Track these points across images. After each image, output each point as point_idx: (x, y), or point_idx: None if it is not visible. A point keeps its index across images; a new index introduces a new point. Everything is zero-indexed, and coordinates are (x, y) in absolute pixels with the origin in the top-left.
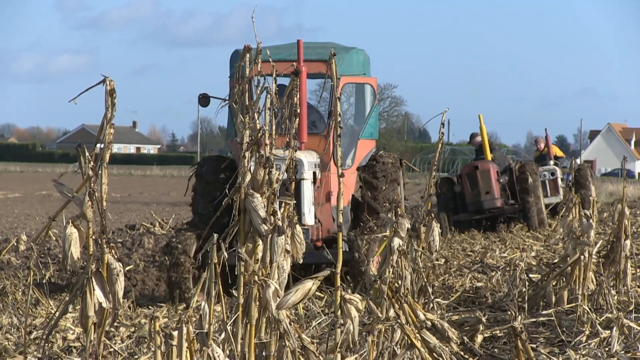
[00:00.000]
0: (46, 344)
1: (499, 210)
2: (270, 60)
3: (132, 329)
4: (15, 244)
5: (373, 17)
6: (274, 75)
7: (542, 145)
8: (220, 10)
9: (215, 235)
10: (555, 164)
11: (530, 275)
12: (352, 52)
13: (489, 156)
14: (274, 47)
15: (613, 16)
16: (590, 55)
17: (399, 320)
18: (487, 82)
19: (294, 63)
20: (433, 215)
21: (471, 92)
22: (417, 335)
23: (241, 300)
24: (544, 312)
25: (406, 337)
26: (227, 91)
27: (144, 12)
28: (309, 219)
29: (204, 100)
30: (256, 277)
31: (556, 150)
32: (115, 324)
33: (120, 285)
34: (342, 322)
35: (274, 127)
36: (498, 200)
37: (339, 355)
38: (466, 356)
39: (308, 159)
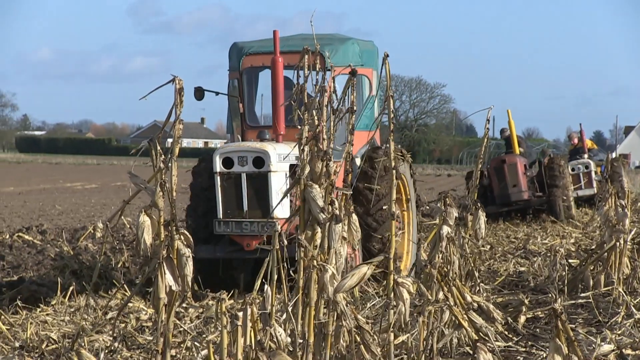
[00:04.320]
0: (120, 324)
1: (526, 202)
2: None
3: (200, 310)
4: (92, 231)
5: (425, 20)
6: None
7: (576, 141)
8: (283, 15)
9: (278, 225)
10: (589, 157)
11: (570, 261)
12: (347, 43)
13: (517, 150)
14: (265, 40)
15: None
16: (623, 57)
17: (448, 302)
18: (529, 81)
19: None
20: (479, 205)
21: (514, 91)
22: (465, 316)
23: (301, 284)
24: (582, 294)
25: (454, 318)
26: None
27: (213, 16)
28: (279, 211)
29: (199, 93)
30: (315, 262)
31: (589, 143)
32: (184, 305)
33: (189, 269)
34: (394, 304)
35: (332, 123)
36: (525, 193)
37: (391, 335)
38: (510, 335)
39: (278, 150)
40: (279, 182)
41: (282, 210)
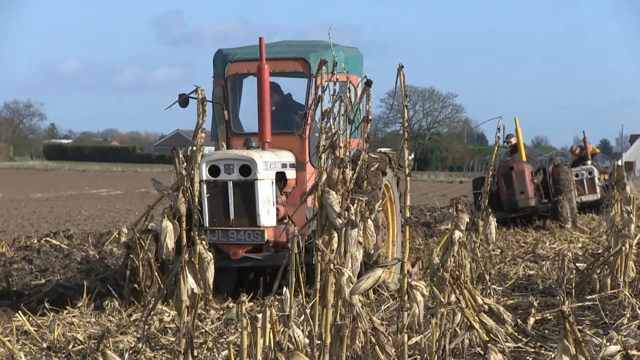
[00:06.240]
0: (145, 325)
1: (533, 209)
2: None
3: (221, 312)
4: (117, 235)
5: (437, 33)
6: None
7: (578, 151)
8: (302, 27)
9: (296, 229)
10: (592, 163)
11: (577, 264)
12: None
13: (524, 157)
14: (249, 47)
15: None
16: (627, 68)
17: (460, 305)
18: (537, 91)
19: (260, 63)
20: (490, 210)
21: (524, 100)
22: (476, 317)
23: (318, 287)
24: (589, 297)
25: (466, 320)
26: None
27: (234, 29)
28: (265, 220)
29: (184, 101)
30: (332, 265)
31: (591, 149)
32: (206, 307)
33: (211, 272)
34: (408, 306)
35: (348, 131)
36: (532, 200)
37: (405, 336)
38: (519, 336)
39: (265, 158)
40: (265, 190)
41: (268, 218)
